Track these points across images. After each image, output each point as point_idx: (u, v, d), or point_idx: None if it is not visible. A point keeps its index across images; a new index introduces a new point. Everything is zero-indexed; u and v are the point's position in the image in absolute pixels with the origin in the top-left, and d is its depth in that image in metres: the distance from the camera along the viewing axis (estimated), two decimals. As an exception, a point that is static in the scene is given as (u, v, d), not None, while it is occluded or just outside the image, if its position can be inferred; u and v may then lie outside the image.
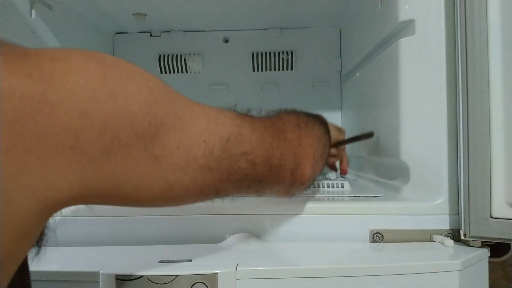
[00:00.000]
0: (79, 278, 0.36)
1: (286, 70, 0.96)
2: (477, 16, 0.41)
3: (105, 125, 0.21)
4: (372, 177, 0.69)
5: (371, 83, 0.68)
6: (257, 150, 0.32)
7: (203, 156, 0.27)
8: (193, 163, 0.27)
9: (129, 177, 0.23)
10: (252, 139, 0.32)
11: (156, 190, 0.26)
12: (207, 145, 0.27)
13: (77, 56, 0.22)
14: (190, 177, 0.27)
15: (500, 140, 0.40)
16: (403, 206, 0.47)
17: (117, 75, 0.23)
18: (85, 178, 0.21)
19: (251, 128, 0.33)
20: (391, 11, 0.54)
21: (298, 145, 0.39)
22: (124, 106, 0.22)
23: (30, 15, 0.64)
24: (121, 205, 0.26)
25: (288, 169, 0.37)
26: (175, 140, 0.26)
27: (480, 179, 0.41)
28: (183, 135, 0.26)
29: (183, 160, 0.26)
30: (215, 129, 0.29)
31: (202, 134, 0.27)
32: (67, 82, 0.20)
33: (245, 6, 0.82)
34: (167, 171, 0.25)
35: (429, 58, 0.47)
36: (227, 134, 0.29)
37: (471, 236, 0.42)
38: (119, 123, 0.22)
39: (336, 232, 0.46)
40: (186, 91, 0.96)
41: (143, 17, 0.87)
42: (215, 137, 0.28)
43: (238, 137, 0.30)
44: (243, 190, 0.34)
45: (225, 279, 0.35)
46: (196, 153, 0.27)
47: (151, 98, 0.24)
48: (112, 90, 0.22)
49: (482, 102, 0.41)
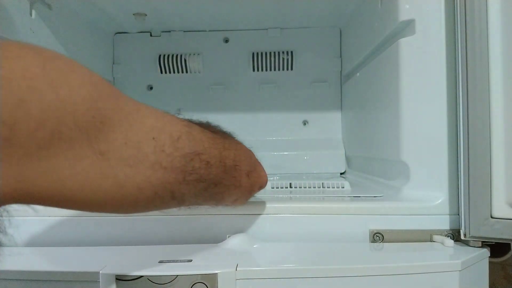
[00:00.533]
0: (79, 278, 0.36)
1: (286, 70, 0.96)
2: (477, 16, 0.41)
3: (45, 117, 0.20)
4: (372, 177, 0.69)
5: (371, 83, 0.68)
6: (210, 150, 0.31)
7: (154, 153, 0.26)
8: (144, 160, 0.25)
9: (73, 173, 0.22)
10: (203, 139, 0.31)
11: (105, 188, 0.24)
12: (157, 142, 0.26)
13: (14, 44, 0.20)
14: (142, 175, 0.26)
15: (500, 140, 0.40)
16: (403, 206, 0.47)
17: (57, 67, 0.21)
18: (21, 173, 0.20)
19: (200, 129, 0.32)
20: (391, 11, 0.54)
21: (248, 149, 0.38)
22: (66, 98, 0.21)
23: (30, 15, 0.64)
24: (69, 207, 0.24)
25: (244, 171, 0.36)
26: (122, 136, 0.24)
27: (480, 179, 0.41)
28: (130, 131, 0.25)
29: (133, 157, 0.25)
30: (164, 127, 0.27)
31: (151, 132, 0.26)
32: (2, 68, 0.19)
33: (245, 6, 0.82)
34: (116, 168, 0.24)
35: (430, 58, 0.47)
36: (177, 133, 0.28)
37: (471, 236, 0.42)
38: (60, 116, 0.21)
39: (336, 232, 0.46)
40: (186, 91, 0.96)
41: (143, 17, 0.87)
42: (164, 134, 0.27)
43: (189, 136, 0.29)
44: (200, 195, 0.32)
45: (225, 279, 0.35)
46: (146, 150, 0.26)
47: (95, 92, 0.23)
48: (53, 81, 0.20)
49: (482, 102, 0.41)
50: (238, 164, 0.35)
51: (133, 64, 0.98)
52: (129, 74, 0.98)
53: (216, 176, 0.32)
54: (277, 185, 0.65)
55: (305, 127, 0.97)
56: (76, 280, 0.36)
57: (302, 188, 0.65)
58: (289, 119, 0.97)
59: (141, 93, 0.98)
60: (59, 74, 0.21)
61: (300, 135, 0.97)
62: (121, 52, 0.98)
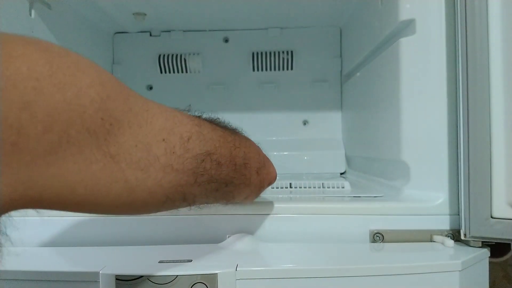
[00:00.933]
0: (79, 278, 0.36)
1: (286, 69, 0.96)
2: (477, 15, 0.41)
3: (52, 119, 0.19)
4: (372, 177, 0.69)
5: (372, 83, 0.68)
6: (220, 149, 0.30)
7: (164, 155, 0.25)
8: (154, 163, 0.25)
9: (83, 178, 0.21)
10: (213, 138, 0.30)
11: (115, 192, 0.23)
12: (167, 144, 0.25)
13: (19, 40, 0.19)
14: (153, 179, 0.25)
15: (500, 139, 0.40)
16: (403, 206, 0.47)
17: (65, 65, 0.20)
18: (30, 178, 0.19)
19: (211, 127, 0.31)
20: (391, 10, 0.54)
21: (257, 145, 0.37)
22: (74, 99, 0.20)
23: (30, 15, 0.64)
24: (78, 210, 0.24)
25: (254, 168, 0.36)
26: (132, 138, 0.23)
27: (481, 179, 0.41)
28: (140, 133, 0.24)
29: (143, 160, 0.24)
30: (174, 127, 0.27)
31: (161, 133, 0.25)
32: (7, 69, 0.18)
33: (245, 5, 0.82)
34: (126, 171, 0.23)
35: (430, 57, 0.47)
36: (188, 133, 0.27)
37: (471, 236, 0.42)
38: (68, 118, 0.20)
39: (336, 232, 0.46)
40: (186, 91, 0.96)
41: (143, 17, 0.87)
42: (174, 136, 0.26)
43: (199, 136, 0.28)
44: (211, 195, 0.32)
45: (225, 279, 0.35)
46: (156, 152, 0.25)
47: (104, 92, 0.22)
48: (60, 81, 0.19)
49: (483, 102, 0.41)
50: (248, 162, 0.34)
51: (133, 64, 0.98)
52: (129, 74, 0.98)
53: (227, 175, 0.32)
54: (277, 185, 0.65)
55: (305, 127, 0.97)
56: (76, 280, 0.36)
57: (302, 188, 0.65)
58: (289, 119, 0.97)
59: (140, 93, 0.94)
60: (67, 74, 0.20)
61: (300, 135, 0.97)
62: (121, 52, 0.98)
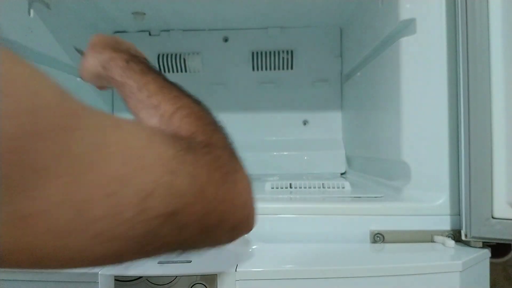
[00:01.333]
0: (78, 279, 0.36)
1: (286, 69, 0.96)
2: (478, 15, 0.41)
3: None
4: (373, 177, 0.69)
5: (372, 82, 0.68)
6: (194, 207, 0.21)
7: (104, 218, 0.18)
8: (86, 229, 0.17)
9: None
10: (188, 192, 0.21)
11: (17, 259, 0.17)
12: (113, 201, 0.18)
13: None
14: (76, 251, 0.18)
15: (501, 140, 0.40)
16: (404, 206, 0.47)
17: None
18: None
19: (191, 174, 0.21)
20: (392, 10, 0.53)
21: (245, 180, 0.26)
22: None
23: (29, 14, 0.64)
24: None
25: (229, 225, 0.25)
26: (60, 192, 0.17)
27: (481, 180, 0.41)
28: (73, 184, 0.17)
29: (71, 223, 0.17)
30: (133, 176, 0.19)
31: (110, 184, 0.18)
32: None
33: (245, 4, 0.82)
34: (39, 238, 0.17)
35: (430, 57, 0.47)
36: (151, 185, 0.19)
37: (472, 236, 0.42)
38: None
39: (337, 233, 0.46)
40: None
41: (142, 16, 0.86)
42: (128, 189, 0.18)
43: (169, 190, 0.20)
44: (155, 257, 0.23)
45: (224, 280, 0.35)
46: (94, 214, 0.17)
47: (30, 123, 0.15)
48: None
49: (484, 102, 0.40)
50: (226, 219, 0.24)
51: (133, 63, 0.98)
52: (129, 74, 0.98)
53: (189, 239, 0.23)
54: (277, 185, 0.65)
55: (305, 127, 0.97)
56: (75, 281, 0.36)
57: (302, 188, 0.65)
58: (289, 119, 0.97)
59: (140, 92, 0.97)
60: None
61: (300, 135, 0.97)
62: (121, 51, 0.98)
